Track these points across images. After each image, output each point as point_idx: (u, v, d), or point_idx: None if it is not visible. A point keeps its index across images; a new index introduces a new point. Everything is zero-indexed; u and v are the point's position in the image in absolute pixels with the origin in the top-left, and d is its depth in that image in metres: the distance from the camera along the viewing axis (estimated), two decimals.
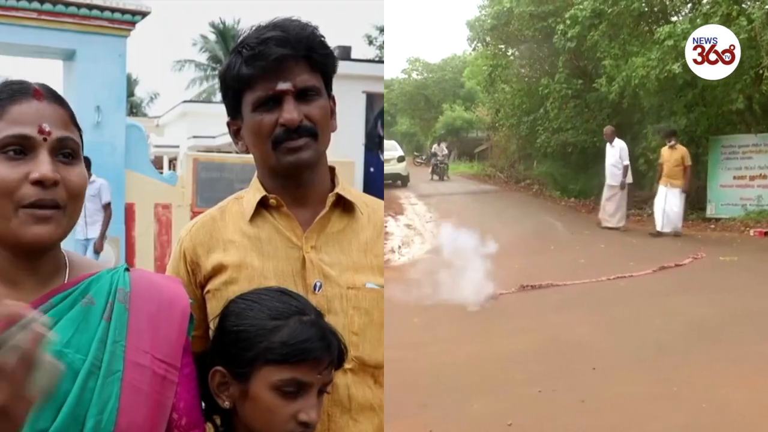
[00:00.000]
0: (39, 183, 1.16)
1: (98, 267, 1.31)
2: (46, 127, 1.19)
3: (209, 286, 1.63)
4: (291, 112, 1.57)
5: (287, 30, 1.58)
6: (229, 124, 1.71)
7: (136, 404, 1.19)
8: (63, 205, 1.18)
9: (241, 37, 1.63)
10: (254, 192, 1.69)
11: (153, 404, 1.21)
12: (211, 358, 1.42)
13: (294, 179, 1.65)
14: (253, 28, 1.63)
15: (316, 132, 1.61)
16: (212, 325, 1.51)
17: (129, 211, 9.43)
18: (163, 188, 9.75)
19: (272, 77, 1.57)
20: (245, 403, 1.38)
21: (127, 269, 1.31)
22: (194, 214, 9.11)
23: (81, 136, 1.27)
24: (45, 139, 1.18)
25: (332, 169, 1.73)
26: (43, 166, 1.16)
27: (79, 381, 1.15)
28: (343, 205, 1.69)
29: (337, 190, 1.68)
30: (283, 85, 1.57)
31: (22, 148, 1.17)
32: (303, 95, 1.59)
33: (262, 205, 1.66)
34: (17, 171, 1.16)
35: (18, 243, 1.18)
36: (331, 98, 1.69)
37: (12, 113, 1.18)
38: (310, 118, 1.59)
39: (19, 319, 0.92)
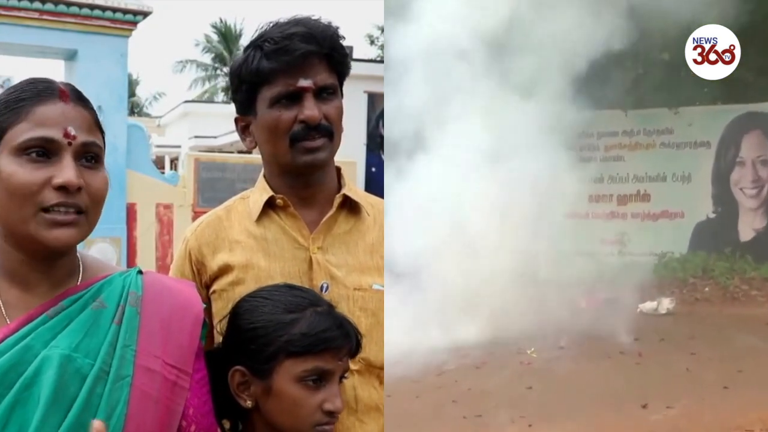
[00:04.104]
0: (62, 188, 1.13)
1: (112, 269, 1.29)
2: (72, 131, 1.16)
3: (215, 287, 1.62)
4: (312, 109, 1.55)
5: (312, 27, 1.57)
6: (237, 120, 1.68)
7: (145, 410, 1.17)
8: (85, 210, 1.16)
9: (259, 32, 1.61)
10: (261, 192, 1.66)
11: (163, 410, 1.19)
12: (226, 359, 1.41)
13: (304, 178, 1.63)
14: (272, 24, 1.61)
15: (333, 132, 1.60)
16: (219, 327, 1.50)
17: (130, 211, 9.43)
18: (164, 188, 9.74)
19: (295, 73, 1.55)
20: (269, 399, 1.38)
21: (140, 272, 1.29)
22: (196, 214, 9.11)
23: (104, 138, 1.25)
24: (70, 144, 1.15)
25: (338, 170, 1.72)
26: (67, 171, 1.14)
27: (87, 386, 1.13)
28: (350, 206, 1.68)
29: (344, 191, 1.67)
30: (304, 82, 1.56)
31: (45, 150, 1.15)
32: (321, 94, 1.58)
33: (269, 205, 1.65)
34: (40, 174, 1.14)
35: (37, 246, 1.16)
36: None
37: (37, 114, 1.16)
38: (328, 117, 1.58)
39: None
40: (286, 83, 1.56)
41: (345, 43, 1.67)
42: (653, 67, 6.73)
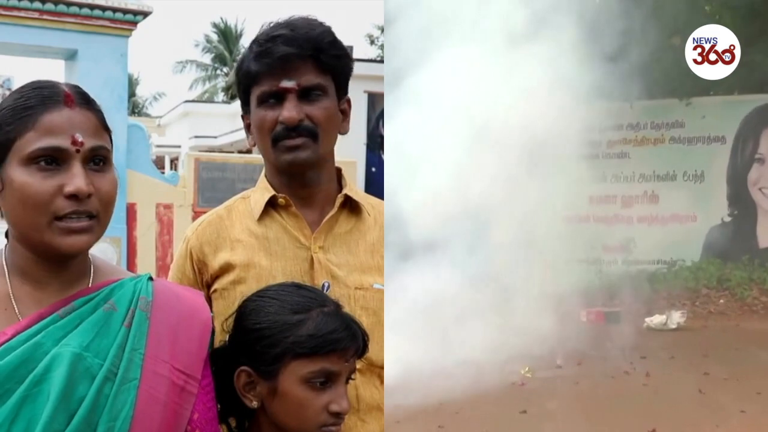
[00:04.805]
0: (73, 196, 1.15)
1: (122, 273, 1.31)
2: (79, 138, 1.17)
3: (216, 285, 1.64)
4: (290, 111, 1.58)
5: (296, 29, 1.60)
6: (243, 118, 1.72)
7: (151, 413, 1.18)
8: (96, 214, 1.18)
9: (257, 33, 1.65)
10: (262, 191, 1.68)
11: (169, 414, 1.21)
12: (231, 359, 1.41)
13: (297, 178, 1.65)
14: (270, 25, 1.64)
15: (317, 132, 1.61)
16: (222, 326, 1.49)
17: (130, 211, 9.42)
18: (164, 188, 9.74)
19: (277, 74, 1.58)
20: (274, 400, 1.38)
21: (150, 278, 1.31)
22: (196, 214, 9.11)
23: (111, 138, 1.26)
24: (78, 150, 1.17)
25: (339, 170, 1.74)
26: (77, 179, 1.15)
27: (95, 386, 1.14)
28: (351, 206, 1.70)
29: (345, 191, 1.69)
30: (286, 83, 1.59)
31: (54, 158, 1.16)
32: (307, 94, 1.60)
33: (270, 204, 1.66)
34: (50, 183, 1.15)
35: (52, 253, 1.18)
36: (346, 100, 1.69)
37: (44, 123, 1.16)
38: (312, 118, 1.60)
39: None
40: (270, 84, 1.59)
41: (345, 43, 1.68)
42: (662, 53, 5.79)
